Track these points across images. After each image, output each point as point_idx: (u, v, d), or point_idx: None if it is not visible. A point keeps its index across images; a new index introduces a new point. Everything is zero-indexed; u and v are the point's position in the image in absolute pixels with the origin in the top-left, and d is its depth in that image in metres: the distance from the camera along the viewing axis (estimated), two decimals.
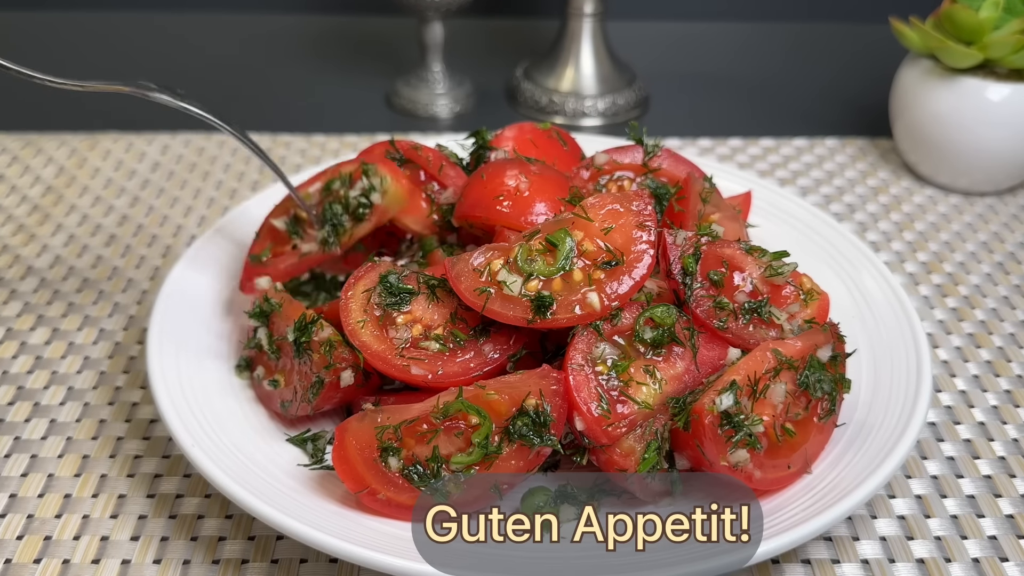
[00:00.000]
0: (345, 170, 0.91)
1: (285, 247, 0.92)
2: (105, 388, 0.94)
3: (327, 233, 0.89)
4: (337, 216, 0.89)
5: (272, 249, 0.92)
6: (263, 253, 0.92)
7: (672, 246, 0.81)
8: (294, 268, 0.91)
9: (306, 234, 0.91)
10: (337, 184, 0.90)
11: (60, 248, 1.14)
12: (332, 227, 0.89)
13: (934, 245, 1.18)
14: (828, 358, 0.78)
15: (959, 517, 0.83)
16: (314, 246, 0.90)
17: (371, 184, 0.89)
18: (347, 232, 0.89)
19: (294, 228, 0.92)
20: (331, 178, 0.92)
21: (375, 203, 0.89)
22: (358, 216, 0.89)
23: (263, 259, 0.91)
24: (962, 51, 1.17)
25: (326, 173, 0.93)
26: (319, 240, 0.89)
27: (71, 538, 0.79)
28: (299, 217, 0.92)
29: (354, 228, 0.89)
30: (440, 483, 0.72)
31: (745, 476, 0.73)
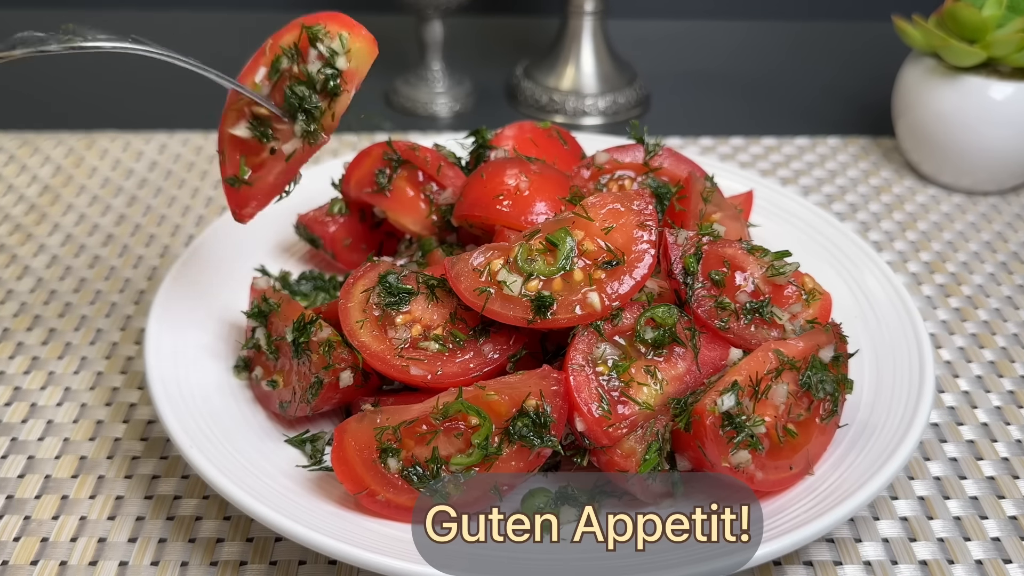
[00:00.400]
0: (286, 42, 0.79)
1: (261, 155, 0.79)
2: (102, 389, 0.94)
3: (303, 123, 0.77)
4: (306, 98, 0.76)
5: (247, 163, 0.79)
6: (241, 172, 0.79)
7: (673, 246, 0.81)
8: (284, 175, 0.79)
9: (278, 132, 0.79)
10: (285, 62, 0.78)
11: (57, 248, 1.14)
12: (306, 114, 0.77)
13: (937, 245, 1.18)
14: (830, 358, 0.78)
15: (962, 518, 0.83)
16: (297, 142, 0.77)
17: (330, 49, 0.76)
18: (325, 112, 0.77)
19: (261, 131, 0.78)
20: (274, 57, 0.79)
21: (343, 69, 0.76)
22: (332, 91, 0.76)
23: (245, 177, 0.79)
24: (965, 49, 1.17)
25: (262, 54, 0.80)
26: (299, 134, 0.77)
27: (68, 539, 0.79)
28: (260, 116, 0.79)
29: (333, 105, 0.77)
30: (440, 484, 0.72)
31: (747, 477, 0.73)
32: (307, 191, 1.05)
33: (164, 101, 1.48)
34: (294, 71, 0.77)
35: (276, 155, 0.78)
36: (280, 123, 0.78)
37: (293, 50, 0.77)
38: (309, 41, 0.76)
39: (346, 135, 1.38)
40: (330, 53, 0.76)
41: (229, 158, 0.80)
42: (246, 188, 0.78)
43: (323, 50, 0.76)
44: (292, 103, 0.76)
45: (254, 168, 0.78)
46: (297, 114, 0.76)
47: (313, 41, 0.76)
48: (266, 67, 0.78)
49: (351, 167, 0.96)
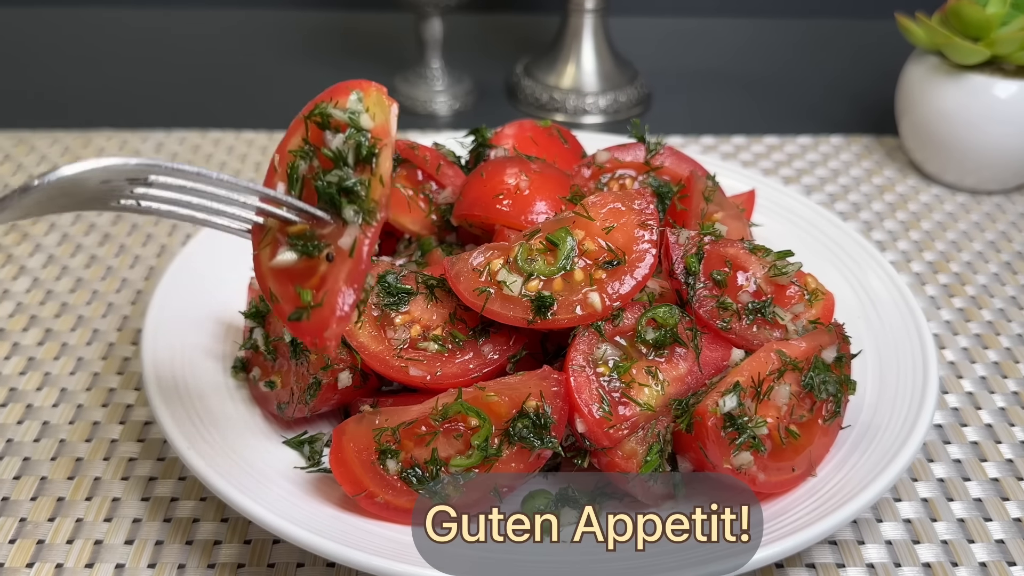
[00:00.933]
0: (294, 145, 0.67)
1: (318, 270, 0.65)
2: (99, 390, 0.94)
3: (352, 207, 0.64)
4: (344, 179, 0.64)
5: (305, 287, 0.65)
6: (304, 300, 0.64)
7: (674, 245, 0.81)
8: (355, 273, 0.63)
9: (326, 236, 0.65)
10: (302, 165, 0.67)
11: (53, 248, 1.14)
12: (349, 195, 0.64)
13: (941, 244, 1.18)
14: (833, 359, 0.78)
15: (966, 520, 0.83)
16: (353, 230, 0.64)
17: (348, 113, 0.65)
18: (372, 183, 0.64)
19: (306, 246, 0.65)
20: (288, 165, 0.67)
21: (370, 127, 0.65)
22: (368, 155, 0.64)
23: (310, 301, 0.64)
24: (969, 47, 1.17)
25: (272, 172, 0.68)
26: (352, 220, 0.64)
27: (64, 542, 0.79)
28: (297, 234, 0.66)
29: (376, 170, 0.65)
30: (439, 486, 0.72)
31: (749, 479, 0.73)
32: None
33: (161, 99, 1.48)
34: (316, 166, 0.66)
35: (336, 259, 0.64)
36: (324, 226, 0.65)
37: (307, 147, 0.67)
38: (319, 126, 0.66)
39: None
40: (350, 117, 0.65)
41: (282, 296, 0.66)
42: (317, 311, 0.63)
43: (340, 117, 0.65)
44: (329, 193, 0.64)
45: (316, 287, 0.64)
46: (341, 202, 0.64)
47: (324, 124, 0.66)
48: (283, 181, 0.67)
49: None
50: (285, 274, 0.66)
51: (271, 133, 1.37)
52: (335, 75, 1.56)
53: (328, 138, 0.65)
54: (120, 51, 1.62)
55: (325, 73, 1.57)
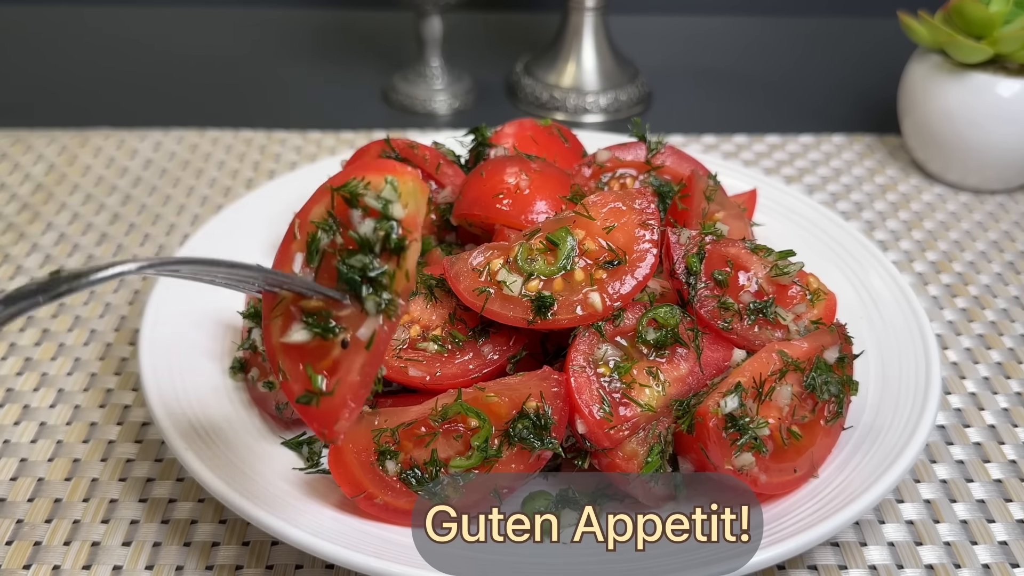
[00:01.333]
0: (317, 215, 0.65)
1: (331, 354, 0.63)
2: (96, 390, 0.94)
3: (374, 296, 0.62)
4: (368, 266, 0.63)
5: (316, 369, 0.63)
6: (314, 384, 0.62)
7: (675, 245, 0.81)
8: (370, 366, 0.62)
9: (343, 319, 0.63)
10: (324, 238, 0.64)
11: (50, 247, 1.14)
12: (373, 285, 0.63)
13: (943, 244, 1.18)
14: (835, 359, 0.78)
15: (969, 522, 0.83)
16: (372, 322, 0.63)
17: (381, 199, 0.63)
18: (396, 275, 0.63)
19: (322, 327, 0.63)
20: (308, 236, 0.65)
21: (401, 217, 0.63)
22: (396, 247, 0.63)
23: (322, 388, 0.62)
24: (972, 46, 1.17)
25: (290, 239, 0.66)
26: (373, 311, 0.62)
27: (61, 543, 0.79)
28: (312, 311, 0.64)
29: (402, 263, 0.63)
30: (439, 487, 0.72)
31: (750, 480, 0.73)
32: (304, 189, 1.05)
33: (159, 98, 1.48)
34: (338, 243, 0.64)
35: (351, 347, 0.62)
36: (341, 308, 0.63)
37: (330, 221, 0.64)
38: (347, 203, 0.64)
39: (344, 132, 1.38)
40: (383, 204, 0.62)
41: (291, 373, 0.64)
42: (327, 400, 0.62)
43: (372, 204, 0.63)
44: (351, 278, 0.62)
45: (328, 371, 0.63)
46: (362, 289, 0.62)
47: (353, 201, 0.63)
48: (302, 252, 0.65)
49: (349, 165, 0.96)
50: (296, 351, 0.64)
51: (270, 132, 1.37)
52: (333, 73, 1.56)
53: (355, 217, 0.63)
54: (118, 49, 1.62)
55: (324, 72, 1.57)
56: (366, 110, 1.46)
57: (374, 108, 1.47)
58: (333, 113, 1.45)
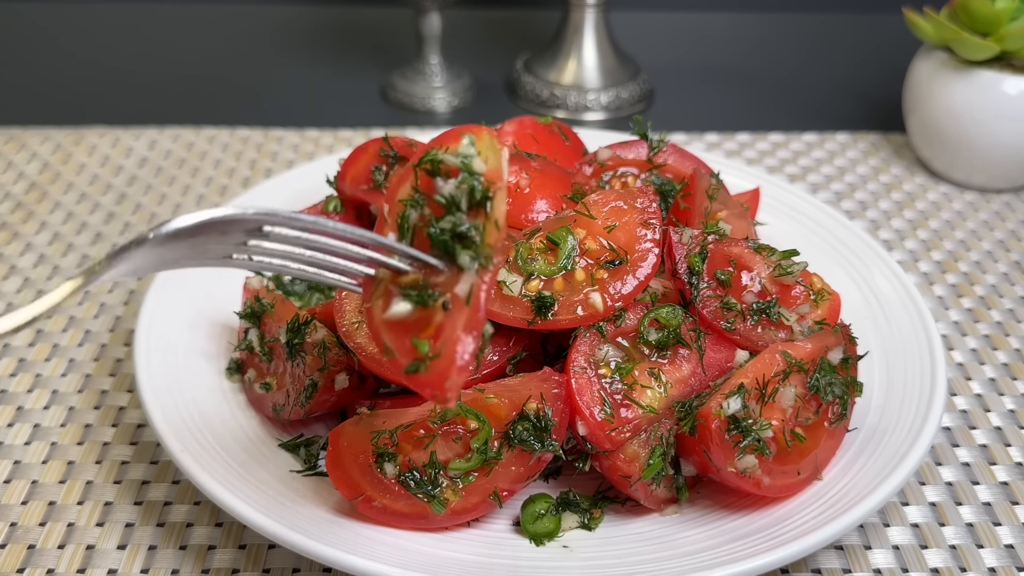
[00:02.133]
0: (403, 194, 0.67)
1: (434, 320, 0.63)
2: (91, 392, 0.94)
3: (468, 253, 0.63)
4: (458, 225, 0.63)
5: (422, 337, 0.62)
6: (421, 351, 0.62)
7: (678, 245, 0.81)
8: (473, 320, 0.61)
9: (440, 284, 0.64)
10: (412, 214, 0.66)
11: (44, 247, 1.14)
12: (464, 241, 0.63)
13: (949, 244, 1.18)
14: (839, 361, 0.78)
15: (975, 525, 0.83)
16: (469, 277, 0.62)
17: (461, 157, 0.65)
18: (487, 227, 0.64)
19: (421, 295, 0.63)
20: (398, 215, 0.67)
21: (483, 171, 0.65)
22: (482, 199, 0.64)
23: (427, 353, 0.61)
24: (978, 43, 1.17)
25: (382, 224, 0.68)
26: (468, 267, 0.63)
27: (56, 547, 0.79)
28: (409, 284, 0.64)
29: (491, 214, 0.64)
30: (438, 490, 0.72)
31: (753, 483, 0.73)
32: (301, 189, 1.06)
33: (154, 95, 1.48)
34: (427, 215, 0.65)
35: (453, 308, 0.62)
36: (437, 274, 0.64)
37: (417, 196, 0.66)
38: (430, 173, 0.66)
39: (342, 131, 1.38)
40: (461, 160, 0.65)
41: (398, 348, 0.64)
42: (435, 363, 0.62)
43: (452, 162, 0.65)
44: (443, 240, 0.64)
45: (433, 337, 0.63)
46: (455, 248, 0.63)
47: (435, 171, 0.65)
48: (394, 231, 0.67)
49: (347, 164, 0.96)
50: (400, 326, 0.64)
51: (267, 130, 1.37)
52: (331, 70, 1.56)
53: (439, 185, 0.65)
54: (112, 46, 1.62)
55: (321, 69, 1.57)
56: (364, 108, 1.46)
57: (372, 106, 1.47)
58: (331, 111, 1.45)
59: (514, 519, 0.77)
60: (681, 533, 0.74)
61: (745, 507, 0.76)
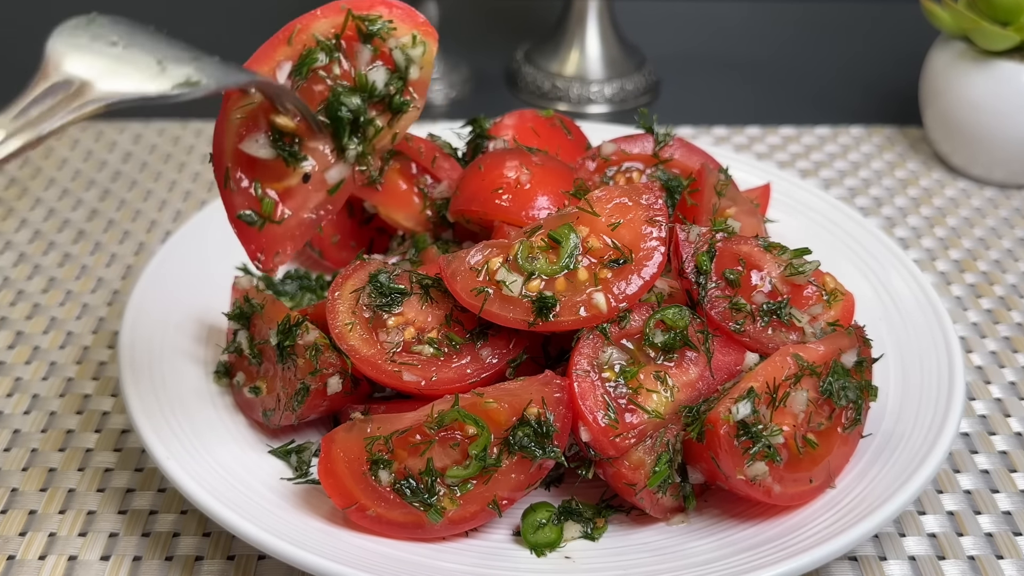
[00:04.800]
0: (322, 30, 0.62)
1: (286, 180, 0.60)
2: (73, 396, 0.94)
3: (355, 144, 0.60)
4: (360, 111, 0.60)
5: (264, 190, 0.60)
6: (264, 207, 0.60)
7: (685, 243, 0.81)
8: (323, 211, 0.60)
9: (310, 151, 0.61)
10: (321, 58, 0.62)
11: (24, 245, 1.14)
12: (357, 131, 0.61)
13: (968, 242, 1.18)
14: (853, 363, 0.78)
15: (994, 535, 0.83)
16: (344, 168, 0.60)
17: (403, 52, 0.61)
18: (382, 132, 0.62)
19: (287, 149, 0.60)
20: (305, 50, 0.62)
21: (414, 79, 0.61)
22: (397, 106, 0.61)
23: (266, 213, 0.60)
24: (998, 32, 1.17)
25: (282, 42, 0.63)
26: (350, 158, 0.61)
27: (36, 557, 0.79)
28: (282, 128, 0.61)
29: (394, 123, 0.62)
30: (434, 498, 0.72)
31: (763, 491, 0.73)
32: None
33: None
34: (335, 72, 0.62)
35: (312, 184, 0.61)
36: (313, 138, 0.61)
37: (333, 42, 0.62)
38: (360, 35, 0.62)
39: None
40: (404, 59, 0.61)
41: (236, 184, 0.61)
42: (272, 227, 0.61)
43: (394, 55, 0.61)
44: (339, 116, 0.61)
45: (279, 196, 0.61)
46: (345, 132, 0.61)
47: (367, 36, 0.61)
48: (290, 61, 0.62)
49: None
50: (251, 162, 0.61)
51: None
52: None
53: (363, 53, 0.61)
54: None
55: None
56: None
57: None
58: None
59: (514, 529, 0.77)
60: (688, 543, 0.74)
61: (755, 516, 0.76)
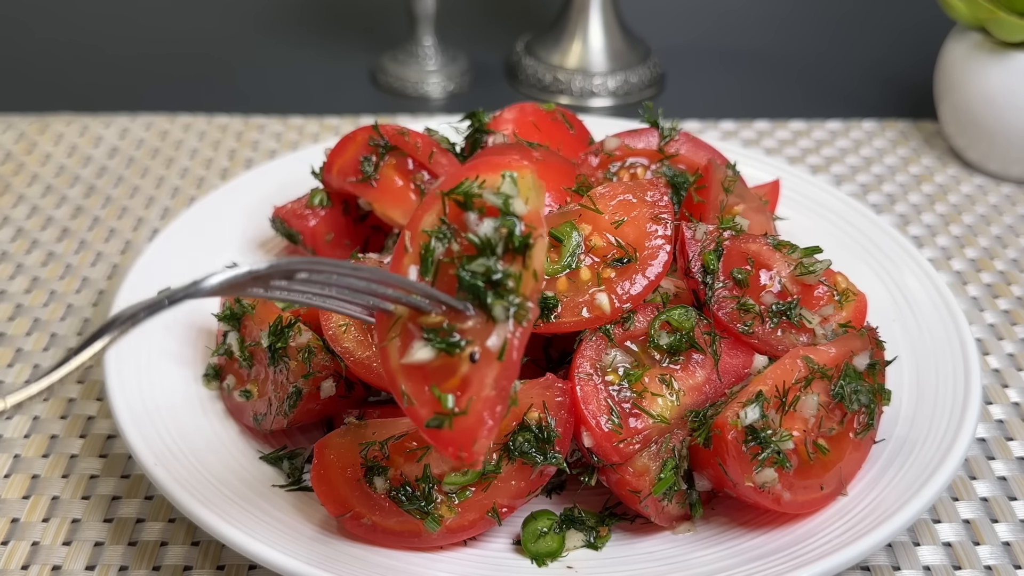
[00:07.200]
0: (428, 224, 0.65)
1: (459, 371, 0.62)
2: (57, 401, 0.94)
3: (502, 303, 0.62)
4: (492, 270, 0.62)
5: (444, 389, 0.62)
6: (444, 404, 0.61)
7: (691, 241, 0.81)
8: (505, 377, 0.61)
9: (467, 331, 0.62)
10: (439, 247, 0.64)
11: (7, 243, 1.14)
12: (494, 287, 0.62)
13: (984, 240, 1.18)
14: (865, 366, 0.78)
15: (1012, 544, 0.83)
16: (503, 329, 0.62)
17: (502, 196, 0.63)
18: (523, 276, 0.63)
19: (446, 342, 0.62)
20: (421, 247, 0.65)
21: (523, 213, 0.63)
22: (521, 246, 0.63)
23: (452, 408, 0.61)
24: (1015, 23, 1.17)
25: (401, 253, 0.66)
26: (503, 318, 0.62)
27: (19, 567, 0.79)
28: (432, 326, 0.63)
29: (527, 262, 0.63)
30: (431, 506, 0.72)
31: (773, 498, 0.73)
32: (285, 181, 1.06)
33: (125, 80, 1.48)
34: (455, 250, 0.63)
35: (481, 360, 0.61)
36: (465, 320, 0.62)
37: (444, 228, 0.64)
38: (461, 206, 0.64)
39: (328, 118, 1.38)
40: (503, 200, 0.62)
41: (416, 397, 0.62)
42: (460, 420, 0.61)
43: (491, 200, 0.63)
44: (474, 284, 0.62)
45: (457, 390, 0.62)
46: (487, 296, 0.62)
47: (468, 203, 0.63)
48: (415, 264, 0.65)
49: (333, 154, 0.96)
50: (419, 372, 0.63)
51: (247, 117, 1.37)
52: (317, 53, 1.56)
53: (471, 220, 0.63)
54: (80, 26, 1.62)
55: (306, 51, 1.57)
56: (352, 93, 1.46)
57: (361, 91, 1.47)
58: (316, 97, 1.45)
59: (514, 537, 0.77)
60: (695, 553, 0.74)
61: (764, 525, 0.76)
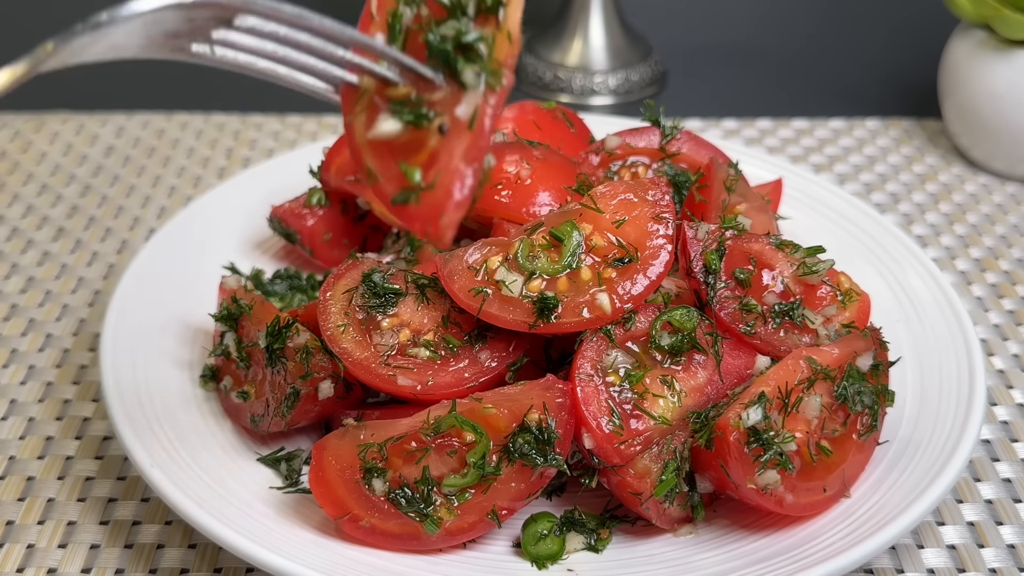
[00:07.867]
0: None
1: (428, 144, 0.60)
2: (52, 401, 0.94)
3: (473, 67, 0.59)
4: (461, 33, 0.60)
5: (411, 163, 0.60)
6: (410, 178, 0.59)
7: (692, 241, 0.81)
8: (475, 147, 0.59)
9: (437, 103, 0.60)
10: (407, 12, 0.61)
11: (2, 243, 1.14)
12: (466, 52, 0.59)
13: (989, 239, 1.18)
14: (869, 367, 0.78)
15: (1017, 546, 0.83)
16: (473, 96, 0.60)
17: None
18: (496, 38, 0.60)
19: (414, 113, 0.60)
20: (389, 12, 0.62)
21: None
22: (492, 4, 0.60)
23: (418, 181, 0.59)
24: (1020, 20, 1.17)
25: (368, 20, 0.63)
26: (473, 83, 0.59)
27: (14, 570, 0.79)
28: (398, 98, 0.60)
29: (502, 24, 0.60)
30: (431, 508, 0.72)
31: (775, 500, 0.73)
32: (282, 180, 1.06)
33: (122, 78, 1.48)
34: (424, 15, 0.60)
35: (451, 131, 0.58)
36: (434, 90, 0.59)
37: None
38: None
39: (326, 116, 1.38)
40: None
41: (383, 173, 0.60)
42: (428, 194, 0.58)
43: None
44: (444, 50, 0.58)
45: (425, 165, 0.59)
46: (458, 61, 0.58)
47: None
48: (382, 32, 0.62)
49: (332, 153, 0.96)
50: (386, 147, 0.60)
51: (244, 116, 1.37)
52: None
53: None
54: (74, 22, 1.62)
55: None
56: None
57: None
58: None
59: (514, 540, 0.77)
60: (696, 555, 0.74)
61: (766, 527, 0.76)
